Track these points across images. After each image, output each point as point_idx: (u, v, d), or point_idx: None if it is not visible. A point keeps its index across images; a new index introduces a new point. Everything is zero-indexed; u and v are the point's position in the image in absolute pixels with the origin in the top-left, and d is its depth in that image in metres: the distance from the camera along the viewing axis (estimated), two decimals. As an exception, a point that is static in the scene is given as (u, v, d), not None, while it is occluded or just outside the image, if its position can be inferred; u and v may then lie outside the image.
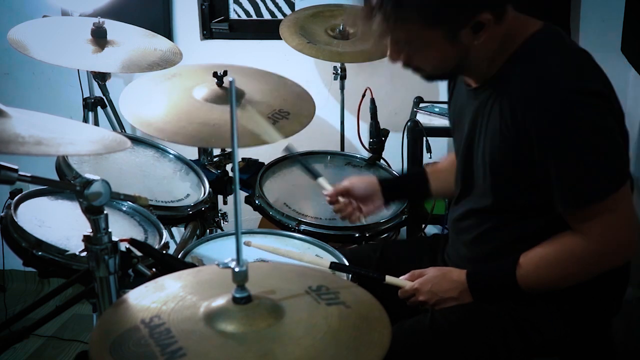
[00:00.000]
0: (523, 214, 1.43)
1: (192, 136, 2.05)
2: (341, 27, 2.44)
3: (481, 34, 1.33)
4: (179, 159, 2.11)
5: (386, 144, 2.30)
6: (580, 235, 1.34)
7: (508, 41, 1.38)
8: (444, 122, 2.36)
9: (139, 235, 1.64)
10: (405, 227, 2.10)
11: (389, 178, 1.95)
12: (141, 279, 1.25)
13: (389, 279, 1.54)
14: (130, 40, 2.17)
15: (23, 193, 1.60)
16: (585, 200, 1.31)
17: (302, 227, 1.88)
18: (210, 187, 2.03)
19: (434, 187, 1.78)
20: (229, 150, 2.32)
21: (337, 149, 2.62)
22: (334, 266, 1.50)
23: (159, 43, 2.24)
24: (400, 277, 1.55)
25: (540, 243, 1.40)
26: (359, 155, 2.30)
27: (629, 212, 1.33)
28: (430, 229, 2.52)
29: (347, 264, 1.57)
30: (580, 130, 1.29)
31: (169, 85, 2.17)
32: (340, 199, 1.78)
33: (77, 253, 1.24)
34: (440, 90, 2.69)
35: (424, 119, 2.36)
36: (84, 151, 1.24)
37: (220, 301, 1.03)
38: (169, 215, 1.85)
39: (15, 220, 1.49)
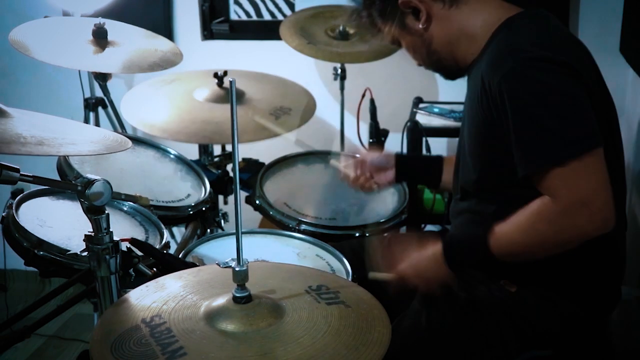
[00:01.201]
0: (508, 187, 1.42)
1: (195, 134, 2.06)
2: (341, 27, 2.44)
3: (421, 18, 1.46)
4: (180, 159, 2.12)
5: (386, 144, 2.31)
6: (548, 199, 1.32)
7: (489, 24, 1.43)
8: (443, 122, 2.37)
9: (140, 235, 1.65)
10: (405, 227, 2.10)
11: (406, 156, 1.96)
12: (142, 279, 1.26)
13: (373, 274, 1.53)
14: (131, 40, 2.17)
15: (25, 193, 1.60)
16: (544, 161, 1.30)
17: (303, 227, 1.88)
18: (210, 187, 2.04)
19: (445, 177, 1.79)
20: (229, 150, 2.33)
21: (337, 149, 2.62)
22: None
23: (159, 43, 2.24)
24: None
25: None
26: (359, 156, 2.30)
27: (598, 178, 1.29)
28: (430, 229, 2.52)
29: (347, 263, 1.57)
30: (539, 93, 1.29)
31: (170, 89, 2.18)
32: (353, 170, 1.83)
33: (79, 253, 1.25)
34: (440, 90, 2.70)
35: (423, 119, 2.37)
36: (85, 151, 1.24)
37: (220, 301, 1.04)
38: (170, 215, 1.85)
39: (17, 220, 1.49)
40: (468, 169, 1.50)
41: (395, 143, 2.39)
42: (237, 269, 1.02)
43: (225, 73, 2.17)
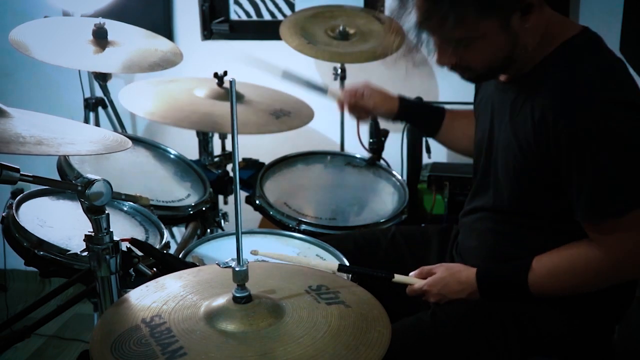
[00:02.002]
0: (539, 219, 1.43)
1: (196, 121, 2.06)
2: (341, 27, 2.44)
3: (529, 16, 1.31)
4: (180, 159, 2.12)
5: (386, 144, 2.30)
6: (597, 247, 1.34)
7: (546, 39, 1.37)
8: (443, 122, 2.37)
9: (140, 235, 1.65)
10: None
11: (410, 102, 1.91)
12: (142, 279, 1.26)
13: (398, 277, 1.54)
14: (131, 40, 2.18)
15: (25, 193, 1.60)
16: (604, 213, 1.31)
17: (303, 226, 1.88)
18: (210, 187, 2.04)
19: (444, 129, 1.80)
20: (229, 150, 2.33)
21: (337, 149, 2.62)
22: (342, 268, 1.50)
23: (159, 43, 2.24)
24: (410, 275, 1.55)
25: (555, 249, 1.41)
26: (359, 155, 2.30)
27: None
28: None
29: (347, 263, 1.57)
30: (611, 143, 1.27)
31: (170, 87, 2.18)
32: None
33: (79, 253, 1.25)
34: (440, 90, 2.70)
35: (423, 119, 2.36)
36: (84, 151, 1.24)
37: (220, 300, 1.04)
38: (170, 215, 1.85)
39: (17, 220, 1.49)
40: (499, 190, 1.49)
41: (395, 143, 2.39)
42: (237, 269, 1.02)
43: (225, 73, 2.17)
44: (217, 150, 2.35)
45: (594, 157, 1.28)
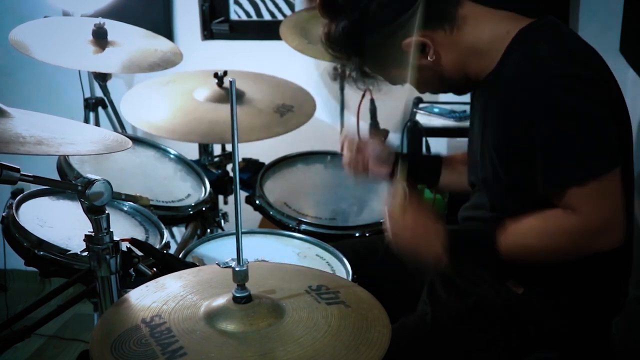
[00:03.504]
0: (532, 211, 1.42)
1: (195, 133, 2.07)
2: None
3: (428, 52, 1.40)
4: (180, 159, 2.12)
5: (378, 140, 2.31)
6: (569, 211, 1.33)
7: (496, 37, 1.40)
8: (443, 122, 2.37)
9: (140, 235, 1.65)
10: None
11: (405, 153, 1.94)
12: (142, 279, 1.26)
13: None
14: (131, 40, 2.18)
15: (25, 193, 1.60)
16: (563, 181, 1.31)
17: (303, 226, 1.88)
18: (210, 187, 2.04)
19: (444, 178, 1.79)
20: (229, 150, 2.33)
21: (337, 149, 2.62)
22: None
23: (159, 43, 2.25)
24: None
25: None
26: (359, 156, 2.30)
27: (616, 198, 1.32)
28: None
29: (347, 263, 1.57)
30: (563, 115, 1.30)
31: (170, 89, 2.18)
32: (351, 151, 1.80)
33: (79, 253, 1.25)
34: (440, 90, 2.70)
35: (423, 119, 2.37)
36: (84, 151, 1.24)
37: (220, 301, 1.04)
38: (170, 215, 1.85)
39: (17, 220, 1.50)
40: (486, 186, 1.49)
41: (395, 143, 2.39)
42: (237, 269, 1.02)
43: (225, 73, 2.17)
44: (217, 150, 2.35)
45: (549, 128, 1.30)
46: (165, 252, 1.49)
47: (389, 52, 1.42)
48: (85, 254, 1.21)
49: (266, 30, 2.74)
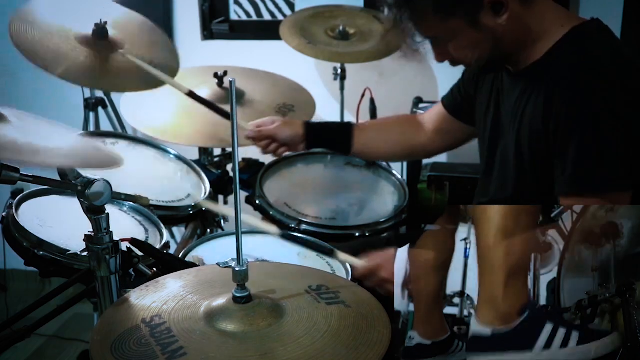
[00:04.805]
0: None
1: (194, 137, 2.07)
2: (341, 27, 2.44)
3: (502, 14, 1.36)
4: (180, 159, 2.11)
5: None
6: None
7: (552, 28, 1.41)
8: (443, 122, 2.37)
9: (140, 235, 1.65)
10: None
11: (314, 125, 2.01)
12: (142, 279, 1.26)
13: (340, 255, 1.56)
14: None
15: (25, 193, 1.60)
16: (587, 189, 1.33)
17: (303, 226, 1.88)
18: (210, 187, 2.04)
19: (357, 144, 1.87)
20: (229, 150, 2.33)
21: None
22: (285, 235, 1.57)
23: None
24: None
25: None
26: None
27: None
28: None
29: (349, 266, 1.57)
30: (609, 126, 1.30)
31: (168, 90, 2.18)
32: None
33: (79, 253, 1.25)
34: (440, 90, 2.70)
35: (423, 119, 2.36)
36: (78, 165, 1.24)
37: (220, 300, 1.04)
38: (170, 215, 1.85)
39: (17, 219, 1.49)
40: (505, 176, 1.50)
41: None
42: (237, 269, 1.02)
43: (225, 73, 2.17)
44: (217, 150, 2.35)
45: (594, 133, 1.31)
46: (165, 252, 1.49)
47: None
48: (85, 254, 1.21)
49: (266, 30, 2.75)
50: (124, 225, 1.67)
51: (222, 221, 2.23)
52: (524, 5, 1.39)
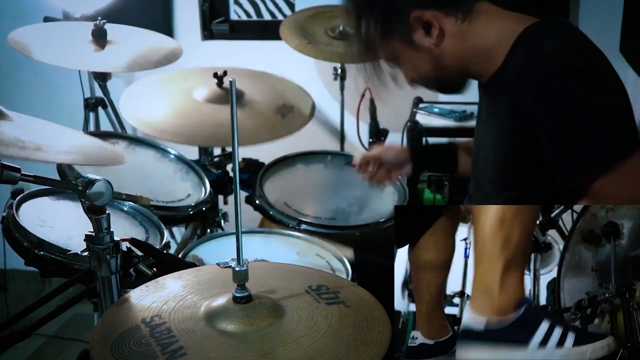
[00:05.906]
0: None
1: (193, 136, 2.07)
2: (341, 27, 2.44)
3: (432, 33, 1.39)
4: (180, 159, 2.12)
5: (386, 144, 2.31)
6: (593, 200, 1.31)
7: (502, 36, 1.40)
8: (443, 122, 2.37)
9: (140, 235, 1.65)
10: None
11: (419, 148, 2.02)
12: (142, 279, 1.26)
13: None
14: (131, 39, 2.18)
15: (25, 193, 1.60)
16: (584, 174, 1.31)
17: (303, 226, 1.88)
18: (210, 187, 2.04)
19: (462, 163, 1.81)
20: (229, 150, 2.33)
21: (337, 149, 2.62)
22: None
23: (159, 42, 2.25)
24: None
25: None
26: (359, 155, 2.30)
27: (638, 180, 1.30)
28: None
29: (347, 263, 1.58)
30: (571, 107, 1.29)
31: (169, 88, 2.18)
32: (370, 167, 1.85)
33: (79, 253, 1.25)
34: (440, 90, 2.70)
35: (423, 119, 2.37)
36: (80, 161, 1.24)
37: (220, 300, 1.04)
38: (170, 215, 1.85)
39: (17, 219, 1.50)
40: (491, 188, 1.50)
41: (395, 143, 2.39)
42: (237, 269, 1.02)
43: (225, 73, 2.17)
44: (216, 150, 2.35)
45: (563, 123, 1.29)
46: (165, 252, 1.49)
47: (397, 18, 1.41)
48: (85, 254, 1.21)
49: (266, 30, 2.75)
50: (124, 225, 1.67)
51: (222, 221, 2.23)
52: (462, 23, 1.40)
